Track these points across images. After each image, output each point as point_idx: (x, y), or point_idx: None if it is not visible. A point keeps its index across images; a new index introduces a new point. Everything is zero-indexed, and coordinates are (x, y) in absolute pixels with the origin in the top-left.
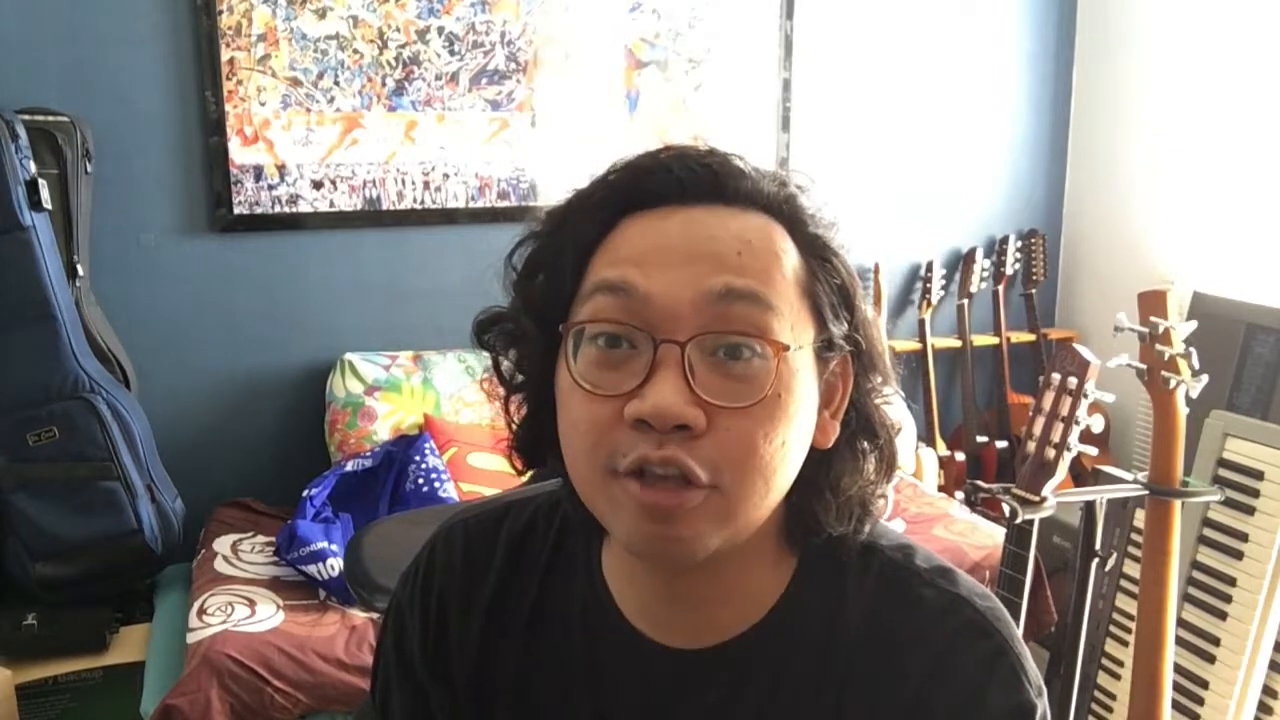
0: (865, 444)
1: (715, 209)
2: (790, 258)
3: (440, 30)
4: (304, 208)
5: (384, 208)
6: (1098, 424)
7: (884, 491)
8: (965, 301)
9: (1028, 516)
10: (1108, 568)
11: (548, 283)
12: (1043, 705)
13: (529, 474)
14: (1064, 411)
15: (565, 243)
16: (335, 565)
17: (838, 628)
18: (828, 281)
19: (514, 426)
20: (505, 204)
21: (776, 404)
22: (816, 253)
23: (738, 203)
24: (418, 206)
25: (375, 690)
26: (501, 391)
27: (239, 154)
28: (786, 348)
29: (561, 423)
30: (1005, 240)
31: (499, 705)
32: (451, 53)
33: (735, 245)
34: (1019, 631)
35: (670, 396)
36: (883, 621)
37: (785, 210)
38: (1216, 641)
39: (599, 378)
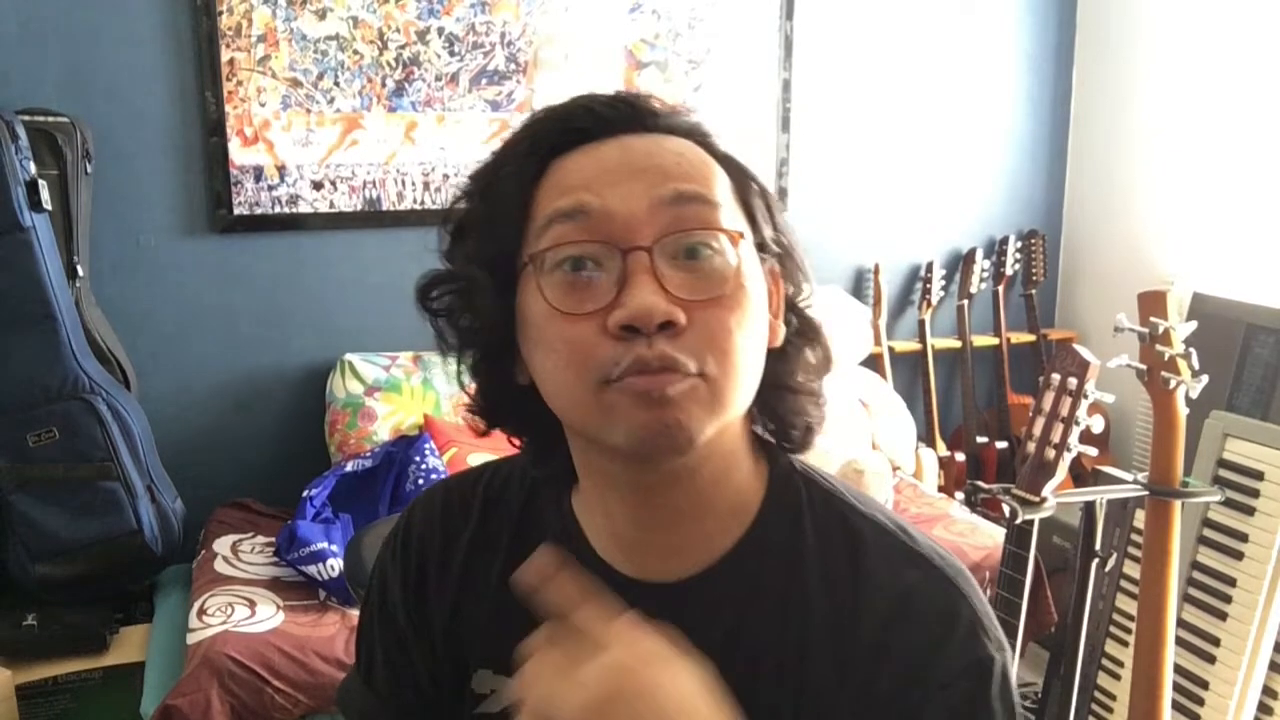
0: (806, 341)
1: (640, 136)
2: (717, 168)
3: (440, 31)
4: (304, 208)
5: (384, 208)
6: (1098, 424)
7: (823, 391)
8: (965, 302)
9: (1028, 517)
10: (1108, 568)
11: (491, 233)
12: (1002, 659)
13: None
14: (1064, 412)
15: (502, 193)
16: (335, 565)
17: (800, 568)
18: (750, 191)
19: (472, 387)
20: None
21: (741, 293)
22: (734, 167)
23: (657, 130)
24: (418, 207)
25: (359, 657)
26: (456, 347)
27: (239, 154)
28: (741, 235)
29: (539, 358)
30: (1005, 240)
31: (476, 653)
32: (451, 53)
33: (672, 157)
34: (983, 594)
35: (651, 297)
36: (844, 566)
37: (700, 132)
38: (1216, 641)
39: (572, 300)
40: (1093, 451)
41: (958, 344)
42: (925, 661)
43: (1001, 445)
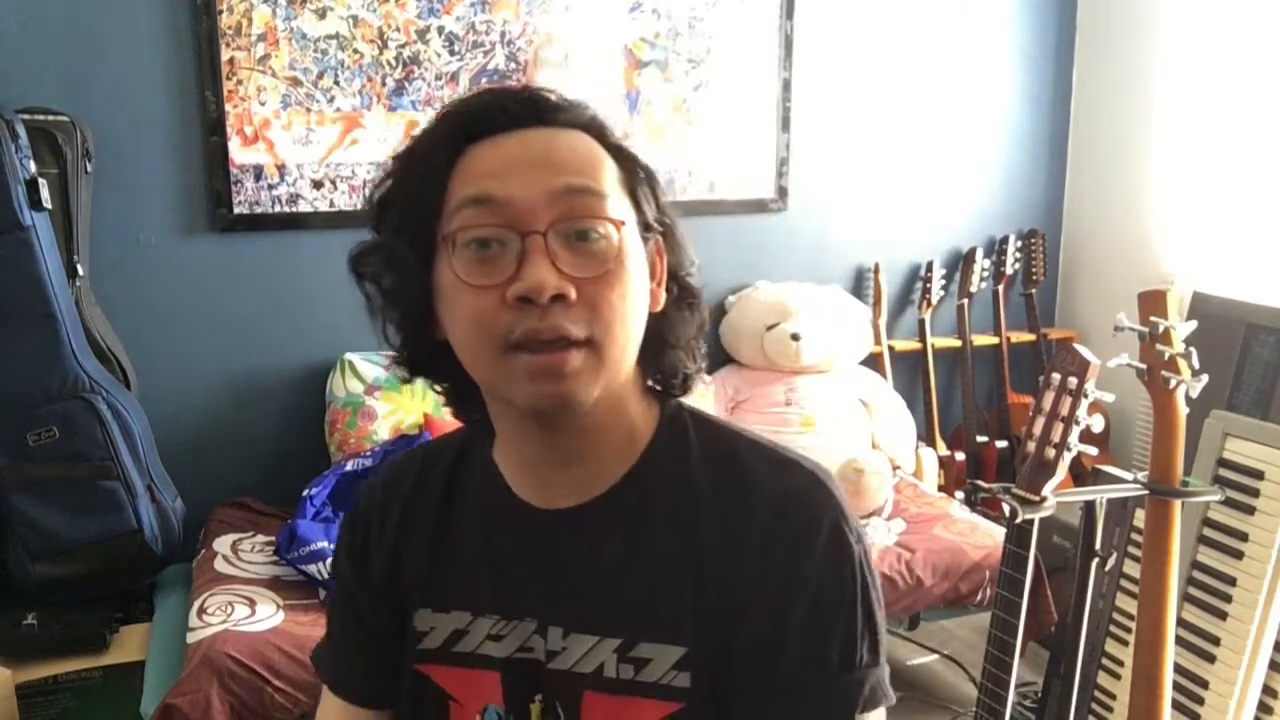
0: (686, 307)
1: (540, 130)
2: (607, 160)
3: (440, 30)
4: (304, 207)
5: None
6: (1098, 424)
7: (701, 345)
8: (965, 301)
9: (1028, 516)
10: (1108, 568)
11: (413, 210)
12: (860, 549)
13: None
14: (1064, 411)
15: (421, 175)
16: None
17: (689, 485)
18: (636, 178)
19: (395, 344)
20: None
21: (622, 270)
22: (624, 156)
23: (557, 125)
24: None
25: (329, 623)
26: (381, 309)
27: (239, 154)
28: (623, 222)
29: (451, 322)
30: (1005, 240)
31: (416, 594)
32: (451, 53)
33: (565, 152)
34: (843, 495)
35: (544, 274)
36: (729, 480)
37: (594, 126)
38: (1216, 641)
39: (478, 274)
40: (1093, 451)
41: (958, 343)
42: (799, 554)
43: (1001, 445)
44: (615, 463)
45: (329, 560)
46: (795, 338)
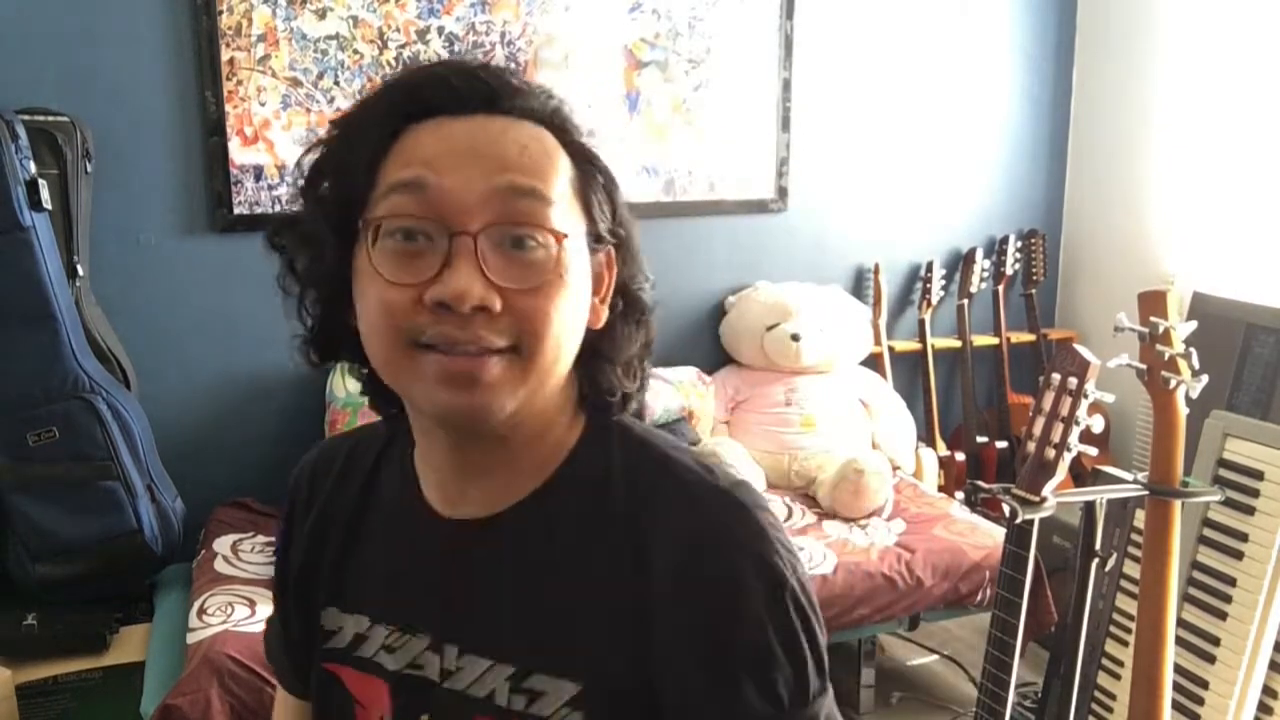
0: (632, 323)
1: (494, 118)
2: (563, 161)
3: (440, 30)
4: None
5: None
6: (1098, 424)
7: (647, 364)
8: (965, 301)
9: (1028, 516)
10: (1108, 568)
11: (341, 186)
12: (795, 579)
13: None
14: (1064, 411)
15: (355, 148)
16: None
17: (605, 501)
18: (594, 182)
19: (308, 323)
20: None
21: (559, 284)
22: (583, 158)
23: (513, 114)
24: None
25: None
26: (295, 290)
27: (239, 154)
28: (566, 235)
29: (361, 310)
30: (1005, 240)
31: (324, 592)
32: (451, 53)
33: (516, 147)
34: (777, 519)
35: (467, 281)
36: (650, 499)
37: (555, 121)
38: (1216, 641)
39: (397, 268)
40: (1093, 451)
41: (958, 344)
42: (727, 603)
43: (1001, 445)
44: (528, 477)
45: None
46: (795, 338)
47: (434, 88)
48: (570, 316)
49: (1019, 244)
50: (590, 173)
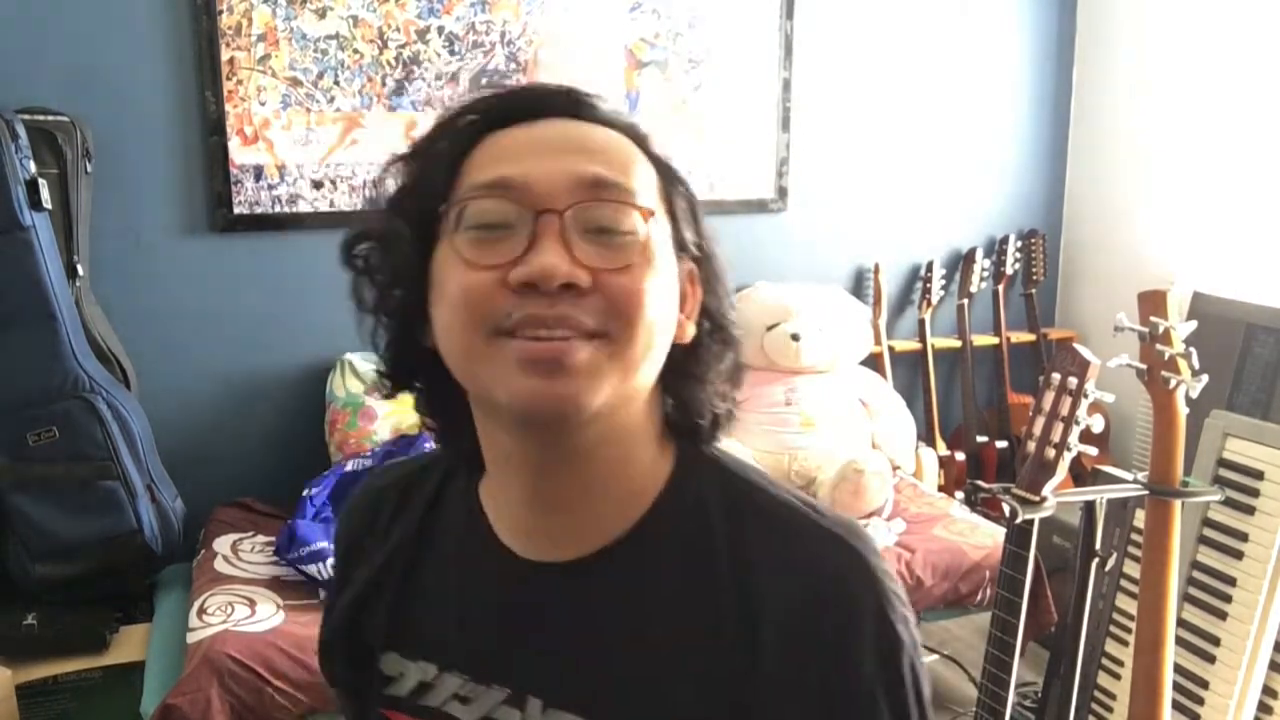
0: (719, 344)
1: (574, 122)
2: (646, 165)
3: (440, 30)
4: (304, 208)
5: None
6: (1098, 424)
7: (737, 392)
8: (965, 301)
9: (1028, 516)
10: (1108, 568)
11: (420, 191)
12: (909, 636)
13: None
14: (1064, 411)
15: (436, 156)
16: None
17: (705, 550)
18: (677, 194)
19: (382, 345)
20: None
21: (649, 267)
22: (666, 171)
23: (595, 121)
24: None
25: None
26: (371, 305)
27: (239, 154)
28: (653, 212)
29: (439, 307)
30: (1005, 240)
31: (382, 636)
32: (451, 53)
33: (600, 144)
34: (890, 568)
35: (554, 257)
36: (754, 548)
37: (637, 132)
38: (1216, 641)
39: (480, 253)
40: (1093, 451)
41: (958, 343)
42: (840, 658)
43: (1001, 445)
44: (618, 513)
45: (329, 561)
46: (795, 338)
47: (519, 97)
48: (661, 304)
49: (1019, 244)
50: (673, 183)
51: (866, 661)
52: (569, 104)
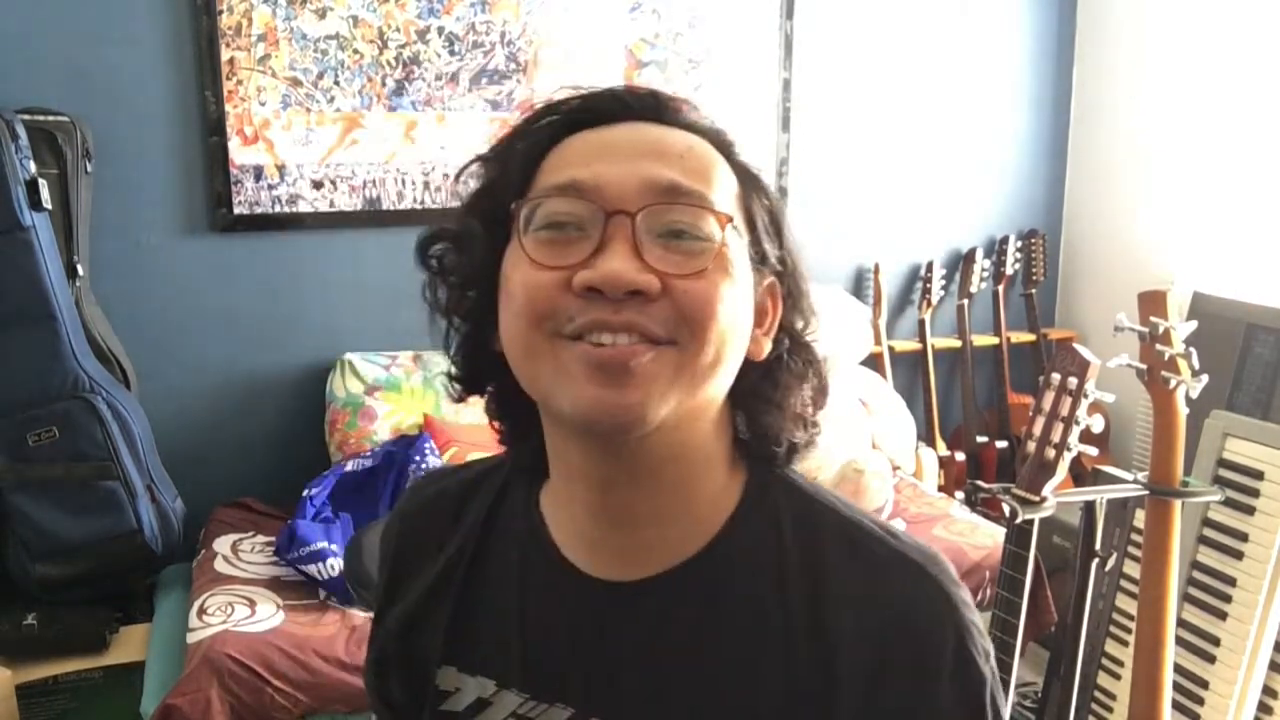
0: (799, 364)
1: (655, 125)
2: (727, 172)
3: (440, 30)
4: (304, 208)
5: (384, 208)
6: (1098, 424)
7: (819, 417)
8: (965, 301)
9: (1028, 516)
10: (1108, 568)
11: (494, 189)
12: (991, 672)
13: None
14: (1064, 411)
15: (513, 155)
16: (335, 565)
17: (776, 577)
18: (759, 202)
19: (453, 346)
20: None
21: (724, 274)
22: (749, 180)
23: (678, 125)
24: (418, 206)
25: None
26: (443, 305)
27: (239, 154)
28: (730, 218)
29: (503, 307)
30: (1005, 240)
31: (438, 650)
32: (451, 53)
33: (679, 149)
34: (969, 596)
35: (622, 261)
36: (830, 576)
37: (721, 138)
38: (1216, 641)
39: (547, 253)
40: (1093, 451)
41: (958, 344)
42: (919, 690)
43: (1001, 445)
44: (687, 532)
45: (329, 561)
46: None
47: (600, 98)
48: (734, 313)
49: (1019, 244)
50: (756, 192)
51: (944, 694)
52: (652, 107)
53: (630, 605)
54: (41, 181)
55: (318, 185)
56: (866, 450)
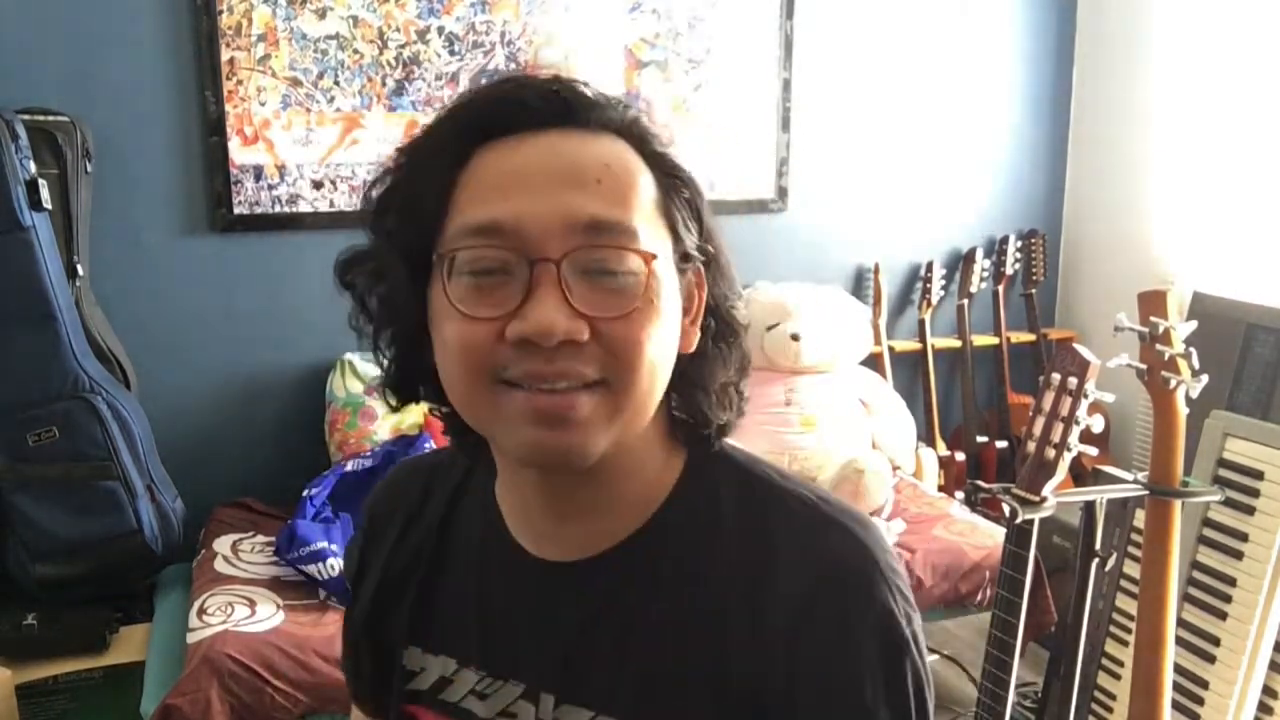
0: (724, 345)
1: (569, 133)
2: (645, 178)
3: (440, 30)
4: (304, 208)
5: None
6: (1098, 424)
7: (744, 385)
8: (965, 301)
9: (1028, 516)
10: (1108, 568)
11: (410, 220)
12: (911, 627)
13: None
14: (1064, 411)
15: (424, 179)
16: (335, 565)
17: (715, 545)
18: (678, 197)
19: (384, 364)
20: None
21: (650, 309)
22: (666, 170)
23: (590, 128)
24: None
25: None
26: (369, 329)
27: (239, 154)
28: (655, 256)
29: (439, 349)
30: (1005, 240)
31: (403, 630)
32: (451, 53)
33: (595, 171)
34: (897, 556)
35: (552, 313)
36: (764, 540)
37: (635, 132)
38: (1216, 641)
39: (475, 302)
40: (1093, 451)
41: (958, 344)
42: (840, 646)
43: (1001, 445)
44: (627, 517)
45: (329, 561)
46: (795, 338)
47: (506, 106)
48: (662, 344)
49: (1019, 244)
50: (674, 187)
51: (866, 646)
52: (562, 112)
53: (575, 585)
54: (41, 181)
55: (318, 185)
56: (866, 450)
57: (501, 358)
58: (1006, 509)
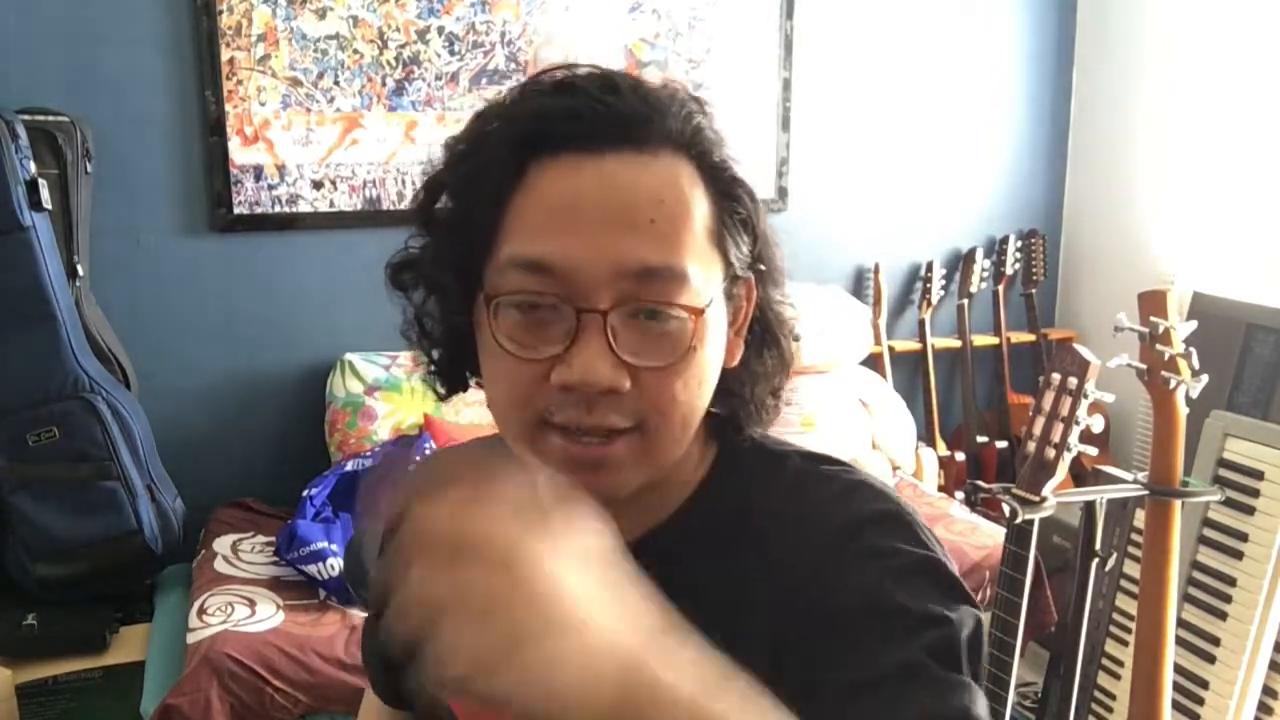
0: (769, 352)
1: (625, 157)
2: (700, 206)
3: (440, 30)
4: (304, 208)
5: (384, 208)
6: (1098, 424)
7: (784, 385)
8: (965, 301)
9: (1028, 516)
10: (1108, 568)
11: (462, 237)
12: (941, 554)
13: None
14: (1064, 411)
15: (476, 195)
16: (335, 565)
17: (747, 521)
18: (734, 218)
19: (435, 357)
20: None
21: (693, 357)
22: (723, 187)
23: (649, 147)
24: None
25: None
26: (416, 330)
27: (239, 154)
28: (702, 311)
29: (486, 373)
30: (1005, 240)
31: None
32: (451, 53)
33: (649, 210)
34: (927, 525)
35: (596, 364)
36: (783, 513)
37: (692, 146)
38: (1216, 641)
39: (522, 339)
40: (1093, 451)
41: (958, 344)
42: (878, 557)
43: (1001, 445)
44: (659, 507)
45: (329, 561)
46: (795, 338)
47: (560, 118)
48: (701, 390)
49: (1019, 244)
50: (731, 208)
51: (905, 567)
52: (618, 129)
53: None
54: (41, 181)
55: (318, 185)
56: (866, 450)
57: (545, 399)
58: (1006, 509)
